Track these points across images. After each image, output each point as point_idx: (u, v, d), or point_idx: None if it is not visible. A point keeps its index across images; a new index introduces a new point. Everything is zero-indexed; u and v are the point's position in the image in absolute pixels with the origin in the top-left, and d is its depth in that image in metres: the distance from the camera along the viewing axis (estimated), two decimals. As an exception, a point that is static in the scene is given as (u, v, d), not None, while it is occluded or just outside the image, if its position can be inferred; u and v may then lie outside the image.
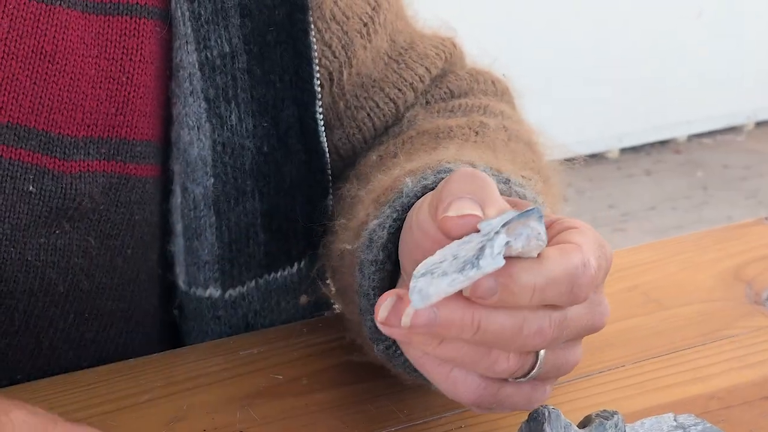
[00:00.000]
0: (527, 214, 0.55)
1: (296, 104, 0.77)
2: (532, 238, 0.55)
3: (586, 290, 0.57)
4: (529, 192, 0.67)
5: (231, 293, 0.77)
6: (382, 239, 0.64)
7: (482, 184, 0.58)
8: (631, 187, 3.16)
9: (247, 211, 0.77)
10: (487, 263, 0.53)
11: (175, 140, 0.76)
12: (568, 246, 0.57)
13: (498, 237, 0.54)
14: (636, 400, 0.70)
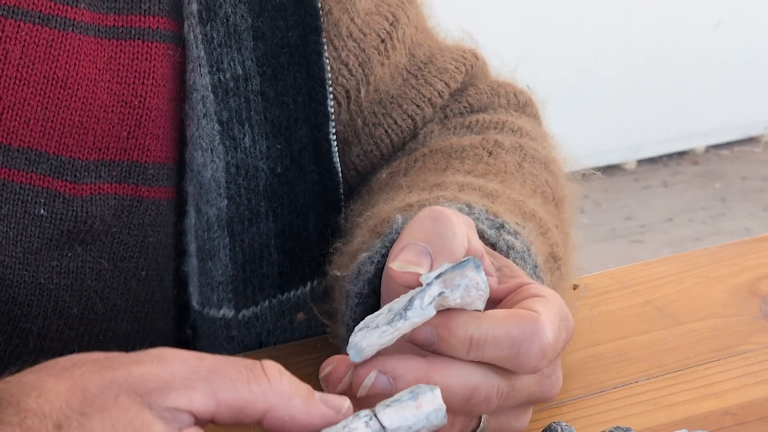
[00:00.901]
0: (462, 265, 0.56)
1: (310, 125, 0.77)
2: (471, 288, 0.56)
3: (535, 360, 0.57)
4: (520, 241, 0.67)
5: (244, 313, 0.77)
6: (369, 274, 0.65)
7: (442, 229, 0.58)
8: (649, 199, 3.15)
9: (260, 232, 0.77)
10: (415, 314, 0.55)
11: (189, 162, 0.76)
12: (522, 312, 0.58)
13: (430, 288, 0.55)
14: (650, 416, 0.70)
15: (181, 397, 0.49)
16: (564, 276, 0.74)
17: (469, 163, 0.76)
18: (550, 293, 0.60)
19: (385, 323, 0.55)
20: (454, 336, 0.55)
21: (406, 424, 0.51)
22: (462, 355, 0.56)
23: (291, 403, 0.51)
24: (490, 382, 0.57)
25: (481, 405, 0.57)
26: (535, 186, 0.76)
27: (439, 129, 0.82)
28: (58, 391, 0.49)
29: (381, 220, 0.68)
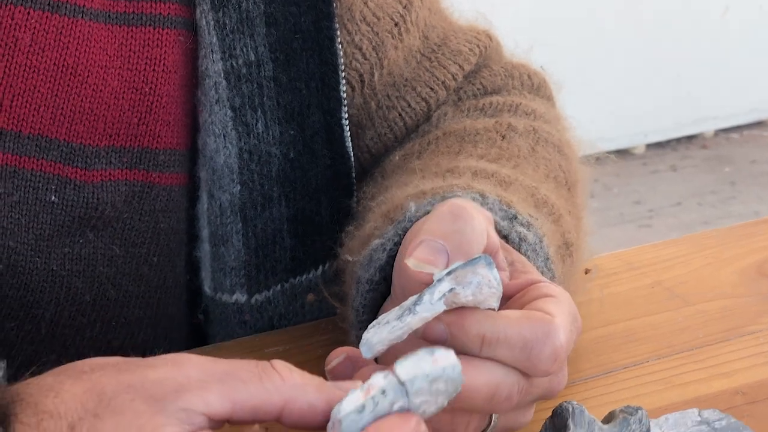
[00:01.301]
0: (474, 263, 0.55)
1: (322, 110, 0.77)
2: (483, 285, 0.55)
3: (546, 363, 0.57)
4: (533, 233, 0.66)
5: (257, 298, 0.77)
6: (381, 261, 0.65)
7: (461, 226, 0.58)
8: (658, 183, 3.15)
9: (273, 217, 0.77)
10: (424, 309, 0.55)
11: (202, 148, 0.76)
12: (536, 314, 0.57)
13: (440, 284, 0.55)
14: (660, 395, 0.70)
15: (195, 399, 0.50)
16: (576, 262, 0.74)
17: (483, 147, 0.76)
18: (560, 293, 0.60)
19: (395, 319, 0.55)
20: (466, 334, 0.55)
21: (422, 373, 0.51)
22: (474, 353, 0.56)
23: (306, 393, 0.51)
24: (511, 380, 0.57)
25: (503, 403, 0.57)
26: (548, 171, 0.76)
27: (453, 111, 0.82)
28: (75, 392, 0.50)
29: (394, 206, 0.68)
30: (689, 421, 0.65)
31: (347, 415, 0.50)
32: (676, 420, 0.65)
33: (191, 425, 0.49)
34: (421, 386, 0.51)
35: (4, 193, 0.69)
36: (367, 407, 0.50)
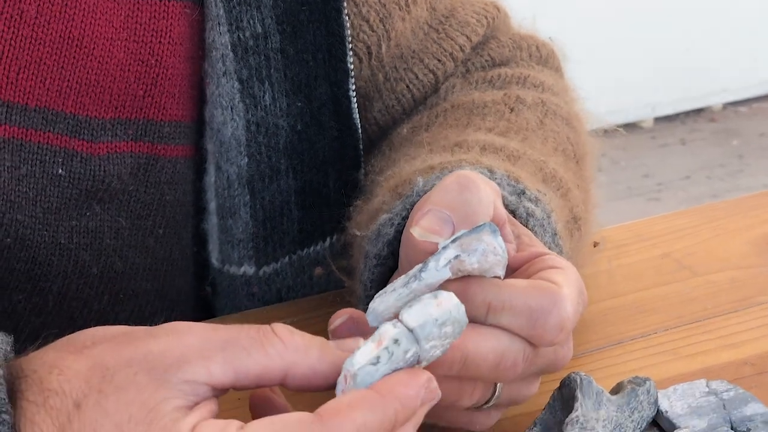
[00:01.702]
0: (479, 230, 0.55)
1: (329, 82, 0.76)
2: (489, 253, 0.55)
3: (552, 333, 0.56)
4: (540, 208, 0.66)
5: (265, 270, 0.77)
6: (389, 236, 0.64)
7: (468, 197, 0.57)
8: (666, 157, 3.14)
9: (281, 189, 0.77)
10: (429, 275, 0.54)
11: (209, 120, 0.75)
12: (543, 283, 0.57)
13: (445, 251, 0.55)
14: (668, 366, 0.69)
15: (198, 369, 0.49)
16: (584, 236, 0.74)
17: (491, 120, 0.76)
18: (567, 265, 0.59)
19: (401, 286, 0.54)
20: (471, 301, 0.55)
21: (431, 318, 0.51)
22: (479, 321, 0.56)
23: (309, 356, 0.51)
24: (516, 348, 0.56)
25: (509, 370, 0.57)
26: (556, 144, 0.76)
27: (461, 84, 0.81)
28: (78, 369, 0.49)
29: (402, 180, 0.68)
30: (697, 392, 0.65)
31: (362, 367, 0.50)
32: (684, 391, 0.65)
33: (195, 396, 0.49)
34: (431, 331, 0.51)
35: (12, 167, 0.69)
36: (382, 358, 0.50)
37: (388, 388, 0.49)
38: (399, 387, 0.50)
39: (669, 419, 0.63)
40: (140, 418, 0.48)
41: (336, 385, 0.51)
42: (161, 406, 0.48)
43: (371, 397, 0.49)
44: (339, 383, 0.51)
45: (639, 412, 0.62)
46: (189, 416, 0.49)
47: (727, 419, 0.63)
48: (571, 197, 0.72)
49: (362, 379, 0.50)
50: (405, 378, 0.50)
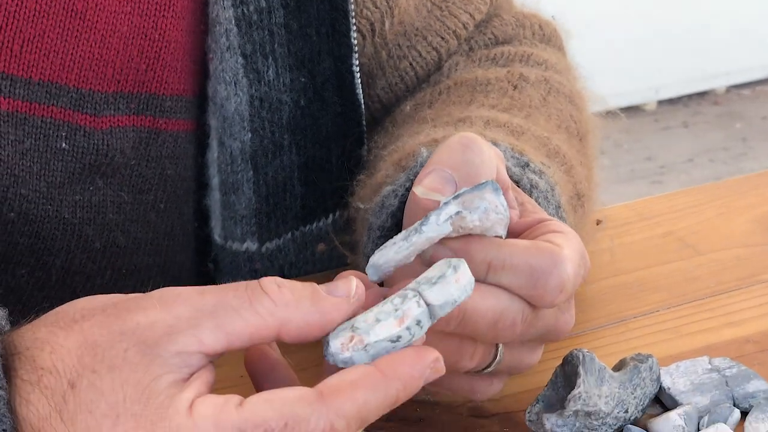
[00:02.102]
0: (481, 188, 0.55)
1: (333, 57, 0.76)
2: (490, 211, 0.55)
3: (552, 293, 0.56)
4: (544, 181, 0.66)
5: (268, 246, 0.77)
6: (392, 207, 0.64)
7: (471, 157, 0.57)
8: (669, 140, 3.13)
9: (284, 165, 0.76)
10: (430, 229, 0.54)
11: (212, 95, 0.75)
12: (544, 244, 0.57)
13: (447, 206, 0.54)
14: (671, 344, 0.69)
15: (188, 340, 0.49)
16: (587, 213, 0.74)
17: (494, 97, 0.76)
18: (569, 230, 0.59)
19: (401, 239, 0.54)
20: (472, 260, 0.54)
21: (451, 299, 0.50)
22: (480, 280, 0.55)
23: (300, 309, 0.50)
24: (515, 308, 0.56)
25: (507, 330, 0.56)
26: (559, 121, 0.76)
27: (464, 61, 0.81)
28: (69, 347, 0.49)
29: (406, 153, 0.68)
30: (699, 369, 0.65)
31: (379, 342, 0.50)
32: (687, 368, 0.65)
33: (189, 367, 0.49)
34: (447, 310, 0.51)
35: (15, 140, 0.68)
36: (403, 338, 0.50)
37: (392, 368, 0.49)
38: (403, 367, 0.49)
39: (671, 396, 0.63)
40: (136, 398, 0.47)
41: (331, 333, 0.51)
42: (156, 384, 0.48)
43: (374, 376, 0.49)
44: (338, 335, 0.50)
45: (641, 388, 0.62)
46: (185, 391, 0.48)
47: (730, 396, 0.63)
48: (574, 173, 0.72)
49: (375, 352, 0.50)
50: (411, 357, 0.49)
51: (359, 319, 0.50)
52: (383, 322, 0.50)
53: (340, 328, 0.51)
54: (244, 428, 0.47)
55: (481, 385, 0.60)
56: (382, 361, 0.49)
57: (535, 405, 0.61)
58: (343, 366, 0.50)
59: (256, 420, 0.47)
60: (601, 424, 0.60)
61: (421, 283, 0.51)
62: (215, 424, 0.47)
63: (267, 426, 0.47)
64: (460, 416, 0.64)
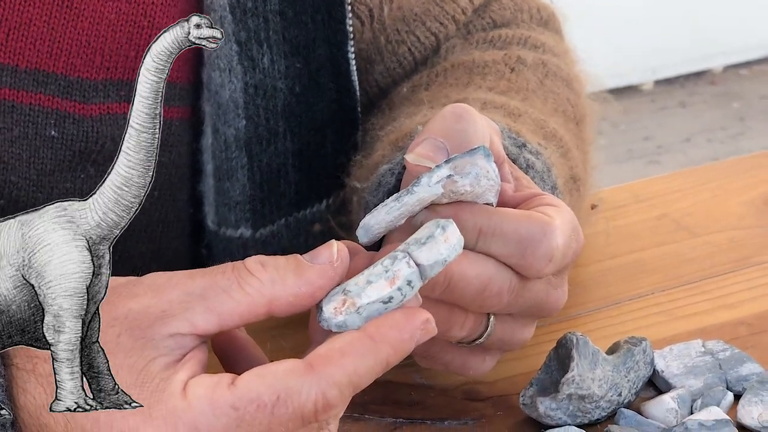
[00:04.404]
0: (473, 153, 0.55)
1: (328, 44, 0.76)
2: (482, 177, 0.55)
3: (541, 262, 0.56)
4: (541, 161, 0.66)
5: (262, 232, 0.77)
6: (389, 185, 0.64)
7: (464, 126, 0.57)
8: (666, 120, 3.12)
9: (278, 152, 0.76)
10: (421, 189, 0.54)
11: (207, 82, 0.75)
12: (534, 213, 0.57)
13: (438, 169, 0.54)
14: (664, 327, 0.69)
15: (180, 323, 0.49)
16: (582, 196, 0.73)
17: (491, 80, 0.75)
18: (563, 204, 0.59)
19: (393, 200, 0.54)
20: (462, 226, 0.54)
21: (441, 258, 0.50)
22: (469, 246, 0.55)
23: (287, 284, 0.50)
24: (502, 276, 0.56)
25: (493, 299, 0.56)
26: (556, 104, 0.75)
27: (462, 44, 0.81)
28: None
29: (402, 134, 0.68)
30: (693, 352, 0.64)
31: (371, 303, 0.50)
32: (680, 351, 0.64)
33: (181, 348, 0.49)
34: (438, 270, 0.51)
35: (4, 128, 0.68)
36: (395, 299, 0.50)
37: (381, 332, 0.49)
38: (393, 330, 0.49)
39: (665, 379, 0.63)
40: (131, 382, 0.48)
41: (323, 299, 0.51)
42: (150, 367, 0.48)
43: (363, 342, 0.49)
44: (330, 299, 0.50)
45: (635, 371, 0.62)
46: (179, 373, 0.48)
47: (723, 379, 0.63)
48: (570, 157, 0.72)
49: (368, 314, 0.50)
50: (400, 320, 0.49)
51: (350, 282, 0.50)
52: (374, 284, 0.50)
53: (332, 292, 0.51)
54: (238, 405, 0.47)
55: (474, 360, 0.60)
56: (370, 326, 0.49)
57: (529, 388, 0.61)
58: (337, 330, 0.50)
59: (250, 396, 0.47)
60: (594, 407, 0.60)
61: (410, 244, 0.51)
62: (210, 404, 0.47)
63: (260, 401, 0.47)
64: (454, 399, 0.64)
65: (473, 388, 0.65)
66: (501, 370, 0.63)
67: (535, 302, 0.59)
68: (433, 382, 0.65)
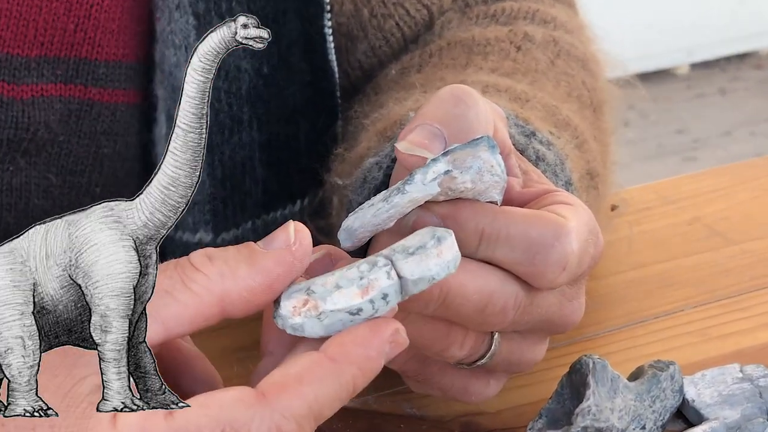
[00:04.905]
0: (475, 144, 0.55)
1: (301, 18, 0.76)
2: (485, 171, 0.55)
3: (553, 270, 0.56)
4: (553, 153, 0.66)
5: (224, 237, 0.77)
6: (376, 181, 0.64)
7: (464, 111, 0.57)
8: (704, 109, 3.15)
9: (243, 143, 0.76)
10: (414, 188, 0.54)
11: (159, 61, 0.75)
12: (545, 214, 0.57)
13: (435, 164, 0.54)
14: (696, 348, 0.70)
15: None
16: (601, 195, 0.74)
17: (494, 60, 0.76)
18: (580, 203, 0.59)
19: (381, 200, 0.54)
20: (462, 228, 0.54)
21: (428, 275, 0.50)
22: (470, 252, 0.55)
23: (238, 276, 0.50)
24: (508, 290, 0.56)
25: (497, 316, 0.56)
26: (570, 88, 0.76)
27: (459, 18, 0.81)
28: None
29: (391, 122, 0.68)
30: (729, 378, 0.65)
31: (336, 312, 0.49)
32: (714, 377, 0.65)
33: None
34: (422, 288, 0.50)
35: None
36: (364, 311, 0.49)
37: (343, 351, 0.49)
38: (357, 348, 0.49)
39: (696, 409, 0.63)
40: (55, 406, 0.48)
41: (284, 292, 0.50)
42: (77, 389, 0.48)
43: (323, 365, 0.49)
44: (291, 295, 0.50)
45: (661, 401, 0.62)
46: None
47: (764, 409, 0.64)
48: (587, 149, 0.72)
49: (330, 323, 0.49)
50: (365, 335, 0.49)
51: (317, 281, 0.50)
52: (344, 290, 0.49)
53: (294, 288, 0.50)
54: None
55: (477, 384, 0.61)
56: (331, 344, 0.49)
57: (538, 420, 0.62)
58: (292, 332, 0.50)
59: (188, 428, 0.47)
60: (613, 442, 0.60)
61: (397, 251, 0.50)
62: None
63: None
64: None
65: (473, 419, 0.65)
66: (505, 398, 0.63)
67: (546, 317, 0.59)
68: (426, 412, 0.65)
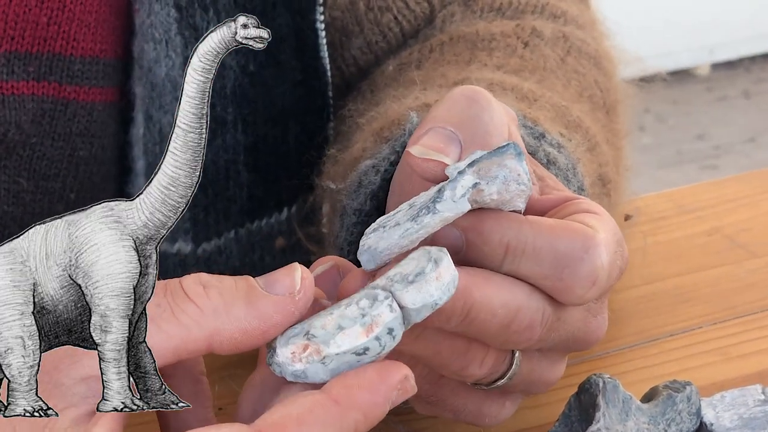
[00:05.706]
0: (501, 152, 0.55)
1: (291, 11, 0.77)
2: (511, 181, 0.55)
3: (583, 285, 0.56)
4: (564, 156, 0.66)
5: (205, 247, 0.77)
6: (373, 186, 0.64)
7: (478, 112, 0.57)
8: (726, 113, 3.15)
9: (227, 146, 0.77)
10: (446, 207, 0.54)
11: (138, 57, 0.76)
12: (574, 224, 0.57)
13: (462, 177, 0.54)
14: (715, 368, 0.70)
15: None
16: (613, 203, 0.74)
17: (500, 56, 0.76)
18: (604, 212, 0.59)
19: (409, 219, 0.54)
20: (486, 242, 0.55)
21: (431, 302, 0.50)
22: (494, 266, 0.56)
23: (233, 316, 0.51)
24: (535, 305, 0.56)
25: (523, 333, 0.56)
26: (581, 87, 0.76)
27: (462, 12, 0.82)
28: None
29: (389, 121, 0.68)
30: (751, 401, 0.65)
31: (341, 354, 0.50)
32: (735, 399, 0.65)
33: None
34: (425, 315, 0.51)
35: None
36: (371, 350, 0.50)
37: (348, 395, 0.49)
38: (363, 393, 0.49)
39: (714, 434, 0.64)
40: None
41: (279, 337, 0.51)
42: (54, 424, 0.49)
43: (326, 408, 0.49)
44: (289, 341, 0.50)
45: (677, 424, 0.62)
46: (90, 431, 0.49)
47: (788, 434, 0.64)
48: (599, 153, 0.72)
49: (336, 366, 0.50)
50: (372, 378, 0.49)
51: (316, 323, 0.50)
52: (347, 330, 0.50)
53: (290, 332, 0.51)
54: None
55: (492, 406, 0.61)
56: (335, 386, 0.49)
57: (544, 446, 0.62)
58: (293, 380, 0.50)
59: None
60: (625, 468, 0.61)
61: (395, 280, 0.51)
62: None
63: None
64: (451, 459, 0.65)
65: (473, 444, 0.65)
66: (509, 422, 0.63)
67: (572, 334, 0.59)
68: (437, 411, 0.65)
